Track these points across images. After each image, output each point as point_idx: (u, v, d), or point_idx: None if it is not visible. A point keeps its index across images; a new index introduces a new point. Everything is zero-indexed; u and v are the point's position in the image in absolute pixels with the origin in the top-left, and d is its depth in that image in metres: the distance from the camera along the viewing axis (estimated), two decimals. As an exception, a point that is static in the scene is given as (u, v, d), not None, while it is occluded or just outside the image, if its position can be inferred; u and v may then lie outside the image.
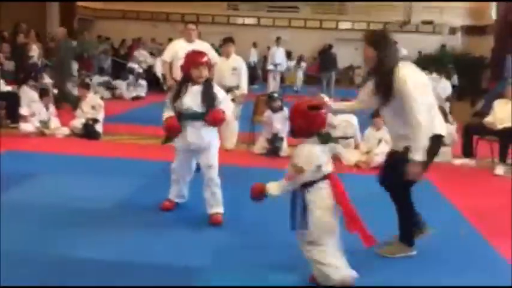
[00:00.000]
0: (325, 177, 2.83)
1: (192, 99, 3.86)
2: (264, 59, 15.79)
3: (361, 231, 2.85)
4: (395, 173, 3.33)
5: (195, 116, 3.86)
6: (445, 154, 6.68)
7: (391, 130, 3.57)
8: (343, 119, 6.79)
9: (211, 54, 6.84)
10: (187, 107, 3.87)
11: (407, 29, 19.38)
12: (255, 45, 17.79)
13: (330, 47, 15.54)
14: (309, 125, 2.84)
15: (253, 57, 17.28)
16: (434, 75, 13.37)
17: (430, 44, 17.80)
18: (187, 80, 3.94)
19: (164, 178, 4.37)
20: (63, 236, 3.64)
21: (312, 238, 2.85)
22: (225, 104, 3.98)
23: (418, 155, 3.16)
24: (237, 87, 6.60)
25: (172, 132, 3.99)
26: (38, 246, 3.45)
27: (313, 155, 2.79)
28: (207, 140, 3.93)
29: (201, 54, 4.04)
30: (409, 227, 3.52)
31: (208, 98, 3.86)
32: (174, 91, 4.03)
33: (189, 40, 6.51)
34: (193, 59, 3.94)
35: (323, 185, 2.82)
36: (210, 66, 4.06)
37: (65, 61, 10.07)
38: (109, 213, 4.19)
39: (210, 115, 3.83)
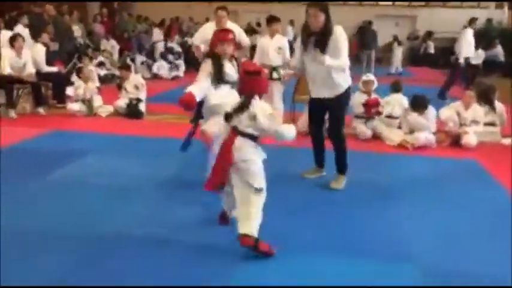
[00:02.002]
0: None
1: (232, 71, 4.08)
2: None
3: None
4: (335, 118, 4.37)
5: None
6: (493, 134, 6.49)
7: (318, 80, 4.29)
8: (391, 99, 6.65)
9: (242, 38, 6.76)
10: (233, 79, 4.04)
11: (451, 5, 18.71)
12: (292, 22, 17.54)
13: (370, 23, 15.16)
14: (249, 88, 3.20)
15: (290, 35, 17.00)
16: (480, 51, 12.91)
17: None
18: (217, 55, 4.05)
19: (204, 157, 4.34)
20: (105, 214, 3.75)
21: None
22: None
23: (330, 62, 4.07)
24: (282, 66, 6.52)
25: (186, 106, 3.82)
26: (80, 223, 3.55)
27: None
28: None
29: (227, 31, 4.25)
30: (346, 160, 4.46)
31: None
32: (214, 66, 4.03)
33: (220, 27, 6.46)
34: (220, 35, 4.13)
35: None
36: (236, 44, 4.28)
37: (59, 36, 9.81)
38: (152, 192, 4.28)
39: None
